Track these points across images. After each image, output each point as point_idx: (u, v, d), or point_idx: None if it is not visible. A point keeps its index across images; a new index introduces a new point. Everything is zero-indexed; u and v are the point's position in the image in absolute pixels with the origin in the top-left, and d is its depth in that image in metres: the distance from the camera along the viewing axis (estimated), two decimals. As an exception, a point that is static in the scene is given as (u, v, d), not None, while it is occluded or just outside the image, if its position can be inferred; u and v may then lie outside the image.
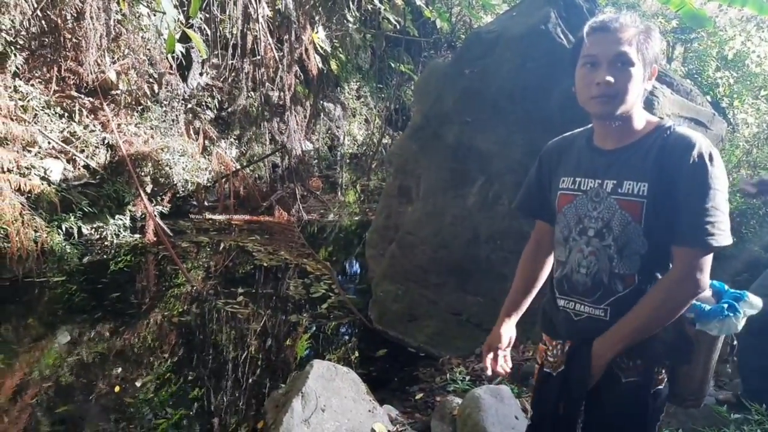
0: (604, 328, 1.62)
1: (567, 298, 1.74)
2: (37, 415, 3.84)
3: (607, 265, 1.62)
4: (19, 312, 5.68)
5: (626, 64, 1.54)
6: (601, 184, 1.63)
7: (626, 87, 1.55)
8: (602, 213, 1.62)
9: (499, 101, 4.74)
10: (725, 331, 1.56)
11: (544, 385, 1.84)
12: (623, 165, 1.60)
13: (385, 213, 5.82)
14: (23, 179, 6.74)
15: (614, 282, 1.62)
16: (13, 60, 7.40)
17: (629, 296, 1.60)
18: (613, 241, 1.60)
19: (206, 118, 10.70)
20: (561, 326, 1.77)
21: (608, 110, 1.57)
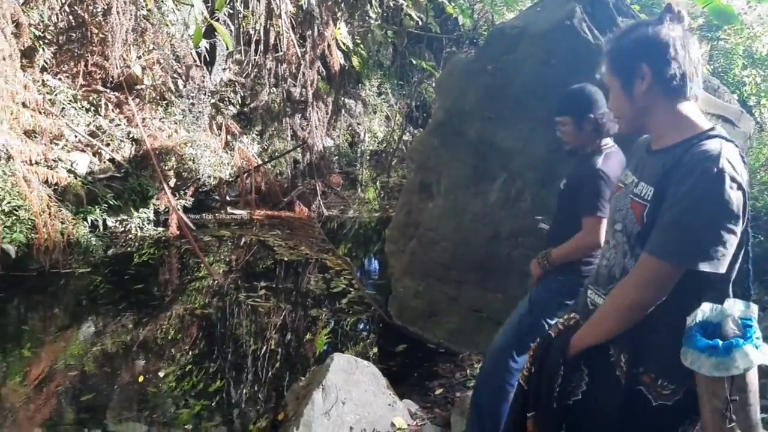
0: None
1: (591, 288, 1.77)
2: (63, 403, 3.92)
3: (622, 260, 1.63)
4: (45, 302, 5.79)
5: (610, 89, 1.67)
6: (634, 180, 1.63)
7: (616, 110, 1.67)
8: (623, 208, 1.64)
9: (522, 97, 4.71)
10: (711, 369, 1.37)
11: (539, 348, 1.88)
12: (649, 167, 1.59)
13: (406, 209, 5.82)
14: (50, 172, 6.87)
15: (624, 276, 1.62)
16: (41, 54, 7.52)
17: None
18: (626, 237, 1.61)
19: (229, 114, 10.79)
20: (581, 313, 1.79)
21: (621, 131, 1.73)
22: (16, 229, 6.02)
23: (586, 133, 2.62)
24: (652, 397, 1.52)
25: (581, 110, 2.61)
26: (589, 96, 2.62)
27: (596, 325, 1.61)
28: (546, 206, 4.40)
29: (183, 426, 3.66)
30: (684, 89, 1.55)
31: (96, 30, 8.00)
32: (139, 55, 8.81)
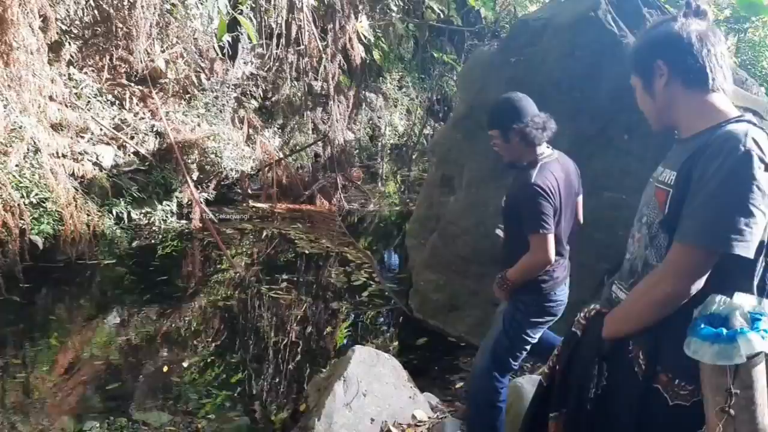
0: None
1: (615, 283, 1.74)
2: (90, 392, 4.00)
3: (643, 252, 1.60)
4: (72, 293, 5.90)
5: (636, 89, 1.69)
6: (661, 170, 1.61)
7: (642, 109, 1.70)
8: (648, 199, 1.62)
9: (545, 90, 4.66)
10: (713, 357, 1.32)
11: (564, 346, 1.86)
12: (675, 154, 1.58)
13: (427, 203, 5.81)
14: (77, 164, 6.98)
15: (645, 271, 1.59)
16: (67, 48, 7.63)
17: None
18: (647, 229, 1.59)
19: (251, 107, 10.85)
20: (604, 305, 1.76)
21: (657, 127, 1.70)
22: (44, 220, 6.14)
23: (515, 145, 2.52)
24: (668, 397, 1.48)
25: (505, 122, 2.51)
26: (511, 107, 2.52)
27: (626, 318, 1.57)
28: (569, 200, 4.38)
29: (206, 416, 3.71)
30: (705, 82, 1.53)
31: (121, 24, 8.09)
32: (163, 49, 8.89)
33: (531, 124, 2.42)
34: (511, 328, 2.60)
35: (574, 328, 1.84)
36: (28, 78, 6.26)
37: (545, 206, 2.36)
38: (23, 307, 5.30)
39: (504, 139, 2.55)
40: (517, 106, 2.49)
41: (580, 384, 1.68)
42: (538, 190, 2.36)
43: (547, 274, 2.53)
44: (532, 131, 2.42)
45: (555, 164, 2.53)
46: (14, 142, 6.28)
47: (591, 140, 4.40)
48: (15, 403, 3.80)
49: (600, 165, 4.29)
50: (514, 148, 2.55)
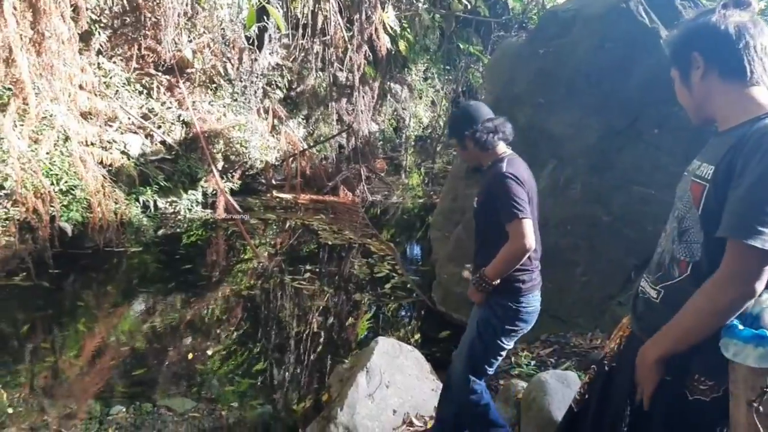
0: (653, 312, 1.58)
1: (644, 277, 1.70)
2: (116, 376, 4.06)
3: (671, 247, 1.57)
4: (99, 279, 5.99)
5: (674, 82, 1.65)
6: (697, 164, 1.56)
7: (682, 102, 1.65)
8: (682, 193, 1.57)
9: (574, 82, 4.60)
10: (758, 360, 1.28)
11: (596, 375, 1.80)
12: (713, 148, 1.53)
13: (452, 195, 5.78)
14: (105, 153, 7.07)
15: (672, 266, 1.55)
16: (97, 38, 7.72)
17: (681, 285, 1.51)
18: (677, 223, 1.55)
19: (276, 98, 10.88)
20: (631, 304, 1.73)
21: (696, 122, 1.65)
22: (73, 208, 6.24)
23: (471, 151, 2.57)
24: (687, 392, 1.46)
25: (459, 131, 2.57)
26: (461, 115, 2.58)
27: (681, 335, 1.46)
28: (596, 194, 4.31)
29: (229, 404, 3.74)
30: (743, 74, 1.48)
31: (149, 14, 8.16)
32: (191, 39, 8.96)
33: (481, 129, 2.47)
34: (486, 334, 2.53)
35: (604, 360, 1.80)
36: (59, 67, 6.35)
37: (520, 191, 2.34)
38: (52, 292, 5.40)
39: (461, 146, 2.61)
40: (468, 114, 2.55)
41: (615, 413, 1.65)
42: (511, 177, 2.36)
43: (525, 274, 2.48)
44: (483, 136, 2.47)
45: (517, 159, 2.54)
46: (45, 130, 6.38)
47: (620, 134, 4.32)
48: (44, 386, 3.88)
49: (629, 159, 4.22)
50: (472, 154, 2.59)
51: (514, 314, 2.47)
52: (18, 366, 4.12)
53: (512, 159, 2.50)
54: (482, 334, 2.52)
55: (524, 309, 2.50)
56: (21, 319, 4.92)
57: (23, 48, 5.87)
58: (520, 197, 2.32)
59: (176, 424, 3.47)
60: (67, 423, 3.42)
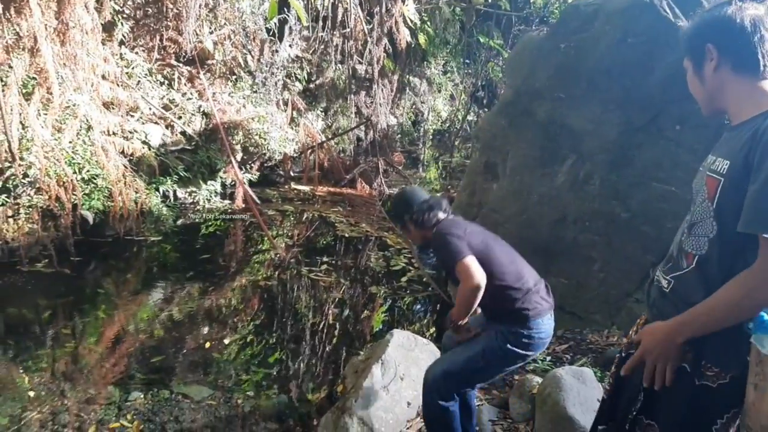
0: (664, 300, 1.61)
1: (659, 267, 1.72)
2: (134, 363, 4.12)
3: (680, 239, 1.60)
4: (119, 267, 6.08)
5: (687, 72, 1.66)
6: (712, 158, 1.57)
7: (693, 93, 1.66)
8: (698, 187, 1.58)
9: (595, 77, 4.56)
10: None
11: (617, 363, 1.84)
12: (727, 142, 1.54)
13: (469, 189, 5.76)
14: (126, 142, 7.15)
15: (681, 257, 1.58)
16: (119, 29, 7.79)
17: (688, 276, 1.54)
18: (690, 216, 1.58)
19: (295, 90, 10.91)
20: (647, 293, 1.76)
21: (707, 113, 1.66)
22: (94, 196, 6.33)
23: (414, 231, 2.67)
24: (696, 377, 1.49)
25: (400, 217, 2.69)
26: (400, 202, 2.71)
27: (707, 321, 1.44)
28: (615, 191, 4.28)
29: (245, 392, 3.78)
30: (756, 67, 1.48)
31: (171, 5, 8.22)
32: (212, 30, 9.01)
33: (417, 211, 2.60)
34: (494, 357, 2.47)
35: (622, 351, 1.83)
36: (82, 57, 6.43)
37: (452, 237, 2.41)
38: (73, 279, 5.49)
39: (405, 230, 2.73)
40: (405, 200, 2.68)
41: (630, 397, 1.67)
42: (440, 230, 2.49)
43: (525, 303, 2.44)
44: (420, 217, 2.60)
45: (456, 220, 2.65)
46: (68, 119, 6.47)
47: (641, 130, 4.28)
48: (64, 371, 3.95)
49: (649, 155, 4.18)
50: (416, 234, 2.69)
51: (527, 339, 2.44)
52: (39, 351, 4.21)
53: (447, 221, 2.60)
54: (488, 356, 2.46)
55: (536, 335, 2.46)
56: (43, 305, 5.02)
57: (48, 38, 5.95)
58: (454, 242, 2.39)
59: (193, 411, 3.52)
60: (86, 407, 3.49)
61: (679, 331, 1.49)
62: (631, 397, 1.67)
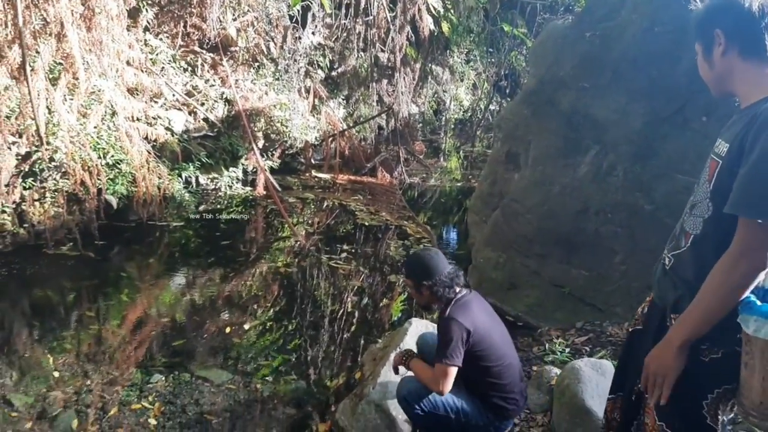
0: (665, 277, 1.66)
1: (666, 248, 1.77)
2: (156, 346, 4.18)
3: (683, 219, 1.65)
4: (142, 252, 6.16)
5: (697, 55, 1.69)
6: (718, 141, 1.59)
7: (703, 76, 1.68)
8: (704, 170, 1.62)
9: (620, 67, 4.49)
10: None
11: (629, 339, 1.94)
12: (732, 125, 1.56)
13: (491, 179, 5.73)
14: (150, 128, 7.23)
15: (681, 235, 1.63)
16: (144, 15, 7.85)
17: (685, 255, 1.59)
18: (692, 196, 1.63)
19: (317, 77, 10.91)
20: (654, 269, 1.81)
21: (715, 94, 1.68)
22: (118, 181, 6.41)
23: (426, 296, 2.66)
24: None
25: (418, 278, 2.65)
26: (424, 265, 2.65)
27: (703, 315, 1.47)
28: (638, 182, 4.22)
29: (263, 378, 3.82)
30: (763, 53, 1.51)
31: (195, -8, 8.26)
32: (235, 17, 9.03)
33: (439, 283, 2.58)
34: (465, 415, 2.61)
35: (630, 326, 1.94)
36: (107, 43, 6.49)
37: (455, 337, 2.44)
38: (97, 263, 5.59)
39: (416, 290, 2.70)
40: (429, 266, 2.63)
41: (637, 370, 1.70)
42: (451, 319, 2.48)
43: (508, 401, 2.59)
44: (439, 290, 2.59)
45: (470, 301, 2.63)
46: (93, 104, 6.55)
47: (666, 121, 4.21)
48: (88, 353, 4.03)
49: (674, 147, 4.10)
50: (425, 298, 2.69)
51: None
52: (64, 332, 4.29)
53: (460, 303, 2.59)
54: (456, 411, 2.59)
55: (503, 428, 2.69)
56: (67, 287, 5.12)
57: (74, 23, 6.01)
58: (454, 344, 2.43)
59: (213, 394, 3.57)
60: (109, 388, 3.56)
61: (675, 334, 1.53)
62: (638, 370, 1.70)
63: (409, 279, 2.72)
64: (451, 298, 2.60)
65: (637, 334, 1.88)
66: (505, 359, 2.61)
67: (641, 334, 1.83)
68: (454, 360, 2.42)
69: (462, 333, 2.45)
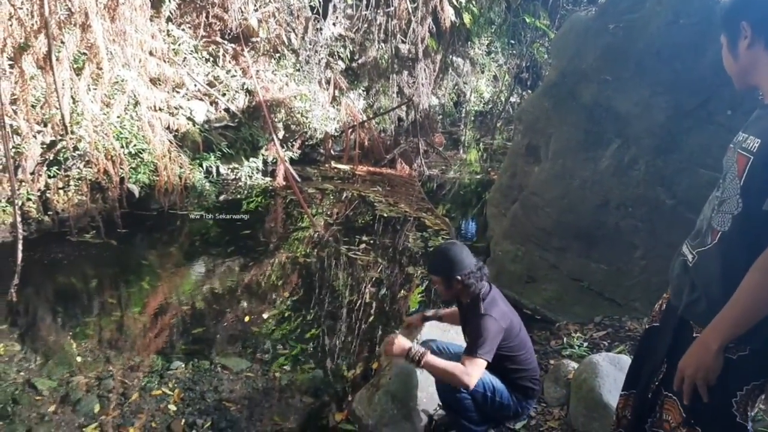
0: (686, 274, 1.63)
1: (686, 242, 1.75)
2: (176, 334, 4.24)
3: (710, 215, 1.61)
4: (163, 240, 6.24)
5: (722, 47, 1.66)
6: (744, 136, 1.56)
7: (727, 68, 1.66)
8: (729, 164, 1.58)
9: (644, 59, 4.42)
10: None
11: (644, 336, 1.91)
12: (759, 120, 1.54)
13: (510, 172, 5.70)
14: (172, 118, 7.30)
15: (708, 233, 1.59)
16: (167, 5, 7.90)
17: (711, 252, 1.55)
18: (720, 193, 1.58)
19: (337, 69, 10.91)
20: (671, 265, 1.79)
21: (740, 87, 1.66)
22: (141, 170, 6.49)
23: (456, 290, 2.67)
24: None
25: (448, 272, 2.64)
26: (454, 259, 2.65)
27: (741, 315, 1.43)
28: (660, 176, 4.17)
29: (281, 366, 3.86)
30: None
31: (217, -18, 8.30)
32: (257, 8, 9.06)
33: (471, 276, 2.61)
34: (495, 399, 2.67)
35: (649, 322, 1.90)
36: (131, 33, 6.55)
37: (492, 333, 2.48)
38: (119, 250, 5.68)
39: (446, 285, 2.69)
40: (459, 259, 2.64)
41: (653, 367, 1.71)
42: (488, 317, 2.51)
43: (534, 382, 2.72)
44: (472, 283, 2.61)
45: (496, 296, 2.67)
46: (116, 94, 6.63)
47: (690, 114, 4.14)
48: (110, 339, 4.10)
49: (697, 141, 4.04)
50: (455, 292, 2.71)
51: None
52: (86, 318, 4.37)
53: (490, 299, 2.63)
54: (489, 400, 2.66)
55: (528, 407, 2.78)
56: (90, 274, 5.20)
57: (98, 14, 6.07)
58: (491, 341, 2.47)
59: (231, 382, 3.61)
60: (130, 374, 3.62)
61: (712, 336, 1.48)
62: (654, 367, 1.70)
63: (438, 275, 2.71)
64: (480, 292, 2.63)
65: (653, 331, 1.86)
66: (528, 345, 2.70)
67: (658, 332, 1.82)
68: (488, 355, 2.46)
69: (499, 331, 2.50)
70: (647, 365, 1.79)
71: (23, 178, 5.64)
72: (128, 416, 3.21)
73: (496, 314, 2.52)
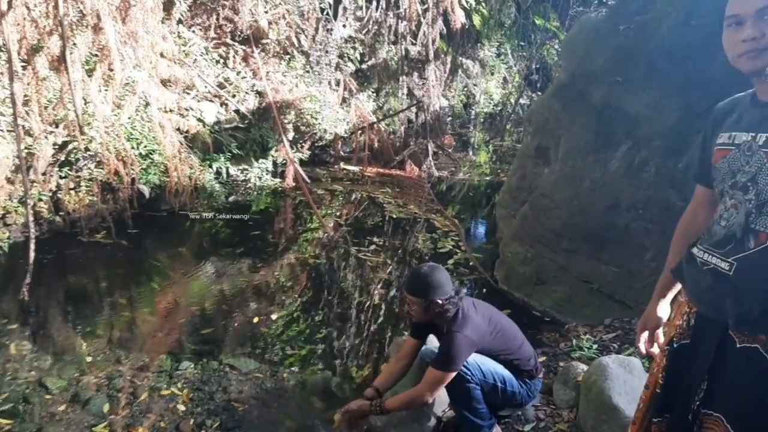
0: (725, 284, 1.52)
1: (700, 247, 1.66)
2: (185, 334, 4.26)
3: (744, 219, 1.51)
4: (173, 241, 6.27)
5: None
6: (754, 137, 1.51)
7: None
8: (752, 167, 1.51)
9: (655, 61, 4.40)
10: None
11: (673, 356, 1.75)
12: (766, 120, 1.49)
13: (520, 173, 5.69)
14: (182, 119, 7.34)
15: (747, 237, 1.50)
16: (178, 7, 7.95)
17: (757, 255, 1.46)
18: (754, 196, 1.50)
19: (347, 70, 10.93)
20: (689, 277, 1.69)
21: (758, 65, 1.50)
22: (151, 171, 6.53)
23: (433, 314, 2.64)
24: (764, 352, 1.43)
25: (428, 296, 2.60)
26: (436, 283, 2.61)
27: None
28: (671, 178, 4.15)
29: (290, 367, 3.86)
30: None
31: (228, -16, 8.34)
32: (267, 10, 9.09)
33: (450, 301, 2.61)
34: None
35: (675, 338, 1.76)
36: (142, 35, 6.59)
37: (464, 352, 2.53)
38: (130, 251, 5.71)
39: (424, 308, 2.64)
40: (439, 284, 2.62)
41: (690, 387, 1.63)
42: (459, 334, 2.54)
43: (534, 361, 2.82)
44: (450, 308, 2.61)
45: (469, 311, 2.68)
46: (127, 95, 6.67)
47: (701, 116, 4.11)
48: (120, 338, 4.13)
49: (710, 143, 4.02)
50: (428, 315, 2.67)
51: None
52: (97, 318, 4.40)
53: (462, 315, 2.64)
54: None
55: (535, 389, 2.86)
56: (101, 274, 5.24)
57: (110, 16, 6.11)
58: (459, 357, 2.52)
59: (240, 382, 3.62)
60: (139, 374, 3.63)
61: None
62: (691, 387, 1.61)
63: (418, 297, 2.65)
64: (451, 316, 2.64)
65: (684, 349, 1.72)
66: (518, 339, 2.77)
67: (689, 350, 1.69)
68: (453, 370, 2.52)
69: (471, 345, 2.55)
70: (682, 386, 1.68)
71: (35, 178, 5.69)
72: (137, 416, 3.22)
73: (469, 330, 2.55)
